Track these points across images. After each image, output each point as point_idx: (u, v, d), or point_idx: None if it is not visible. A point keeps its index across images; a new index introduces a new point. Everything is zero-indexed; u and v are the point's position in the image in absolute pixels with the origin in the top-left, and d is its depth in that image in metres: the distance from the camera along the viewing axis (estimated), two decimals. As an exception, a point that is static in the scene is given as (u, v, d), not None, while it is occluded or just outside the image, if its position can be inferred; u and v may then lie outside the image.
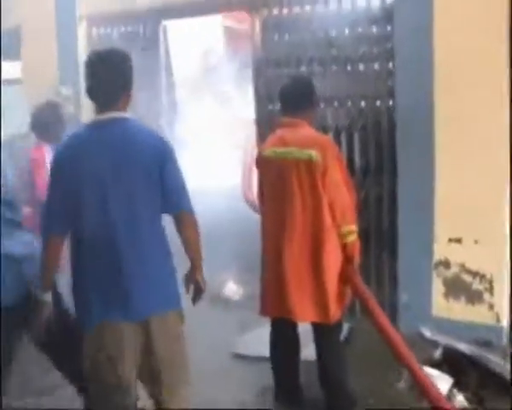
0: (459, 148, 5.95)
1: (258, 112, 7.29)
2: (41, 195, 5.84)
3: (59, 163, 3.90)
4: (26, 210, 6.06)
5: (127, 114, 3.93)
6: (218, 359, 6.06)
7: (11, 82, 8.56)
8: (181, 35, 8.88)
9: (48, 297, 4.04)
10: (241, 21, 9.09)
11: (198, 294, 4.12)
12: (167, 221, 4.06)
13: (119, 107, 3.87)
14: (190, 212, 4.03)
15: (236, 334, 6.62)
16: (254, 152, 7.23)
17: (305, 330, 5.21)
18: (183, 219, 4.02)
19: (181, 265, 4.10)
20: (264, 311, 5.19)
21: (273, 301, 5.05)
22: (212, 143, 9.06)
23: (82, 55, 8.39)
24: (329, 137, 5.77)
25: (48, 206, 3.93)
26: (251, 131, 7.78)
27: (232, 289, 7.69)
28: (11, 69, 8.63)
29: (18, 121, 8.31)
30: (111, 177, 3.78)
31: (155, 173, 3.86)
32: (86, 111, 7.98)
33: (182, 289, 4.10)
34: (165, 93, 8.30)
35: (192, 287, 4.10)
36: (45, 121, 6.43)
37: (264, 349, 5.39)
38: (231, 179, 8.77)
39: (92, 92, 3.87)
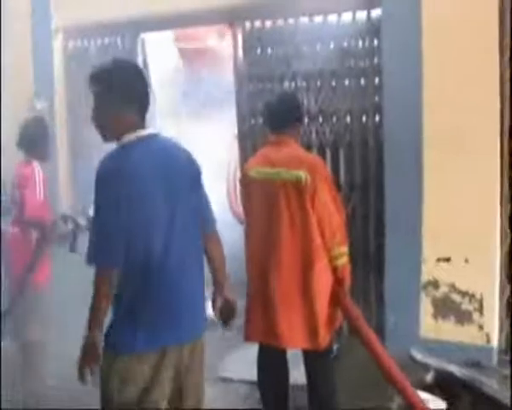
0: (448, 166, 5.83)
1: (240, 127, 7.14)
2: (30, 213, 5.75)
3: (114, 186, 3.43)
4: (15, 230, 5.91)
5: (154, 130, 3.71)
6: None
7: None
8: (157, 48, 8.71)
9: (99, 337, 3.49)
10: (194, 39, 8.96)
11: (231, 316, 4.01)
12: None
13: (144, 123, 3.64)
14: (217, 232, 3.98)
15: (220, 355, 6.44)
16: (237, 167, 7.14)
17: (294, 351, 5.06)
18: (214, 239, 3.94)
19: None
20: (249, 336, 5.01)
21: (259, 326, 4.88)
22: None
23: (58, 68, 8.24)
24: (318, 157, 5.58)
25: (100, 235, 3.49)
26: (233, 146, 7.64)
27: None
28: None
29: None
30: (163, 192, 3.53)
31: (191, 189, 3.74)
32: (61, 125, 7.85)
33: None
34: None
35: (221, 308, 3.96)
36: (33, 137, 6.21)
37: (250, 372, 5.21)
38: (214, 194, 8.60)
39: (128, 107, 3.57)
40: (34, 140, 6.15)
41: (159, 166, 3.54)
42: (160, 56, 8.65)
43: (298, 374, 5.14)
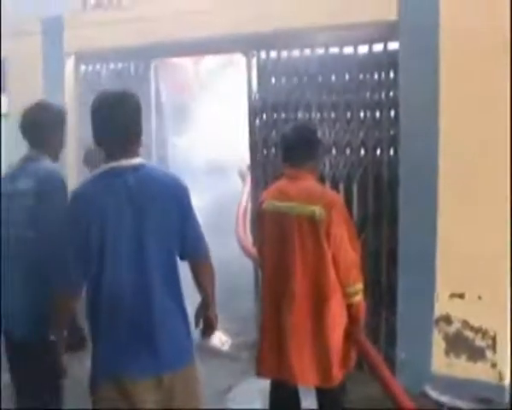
0: (463, 203, 5.78)
1: (252, 157, 7.10)
2: None
3: (75, 213, 3.63)
4: None
5: (142, 160, 3.73)
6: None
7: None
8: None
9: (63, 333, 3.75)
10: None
11: (208, 329, 4.02)
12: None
13: (133, 152, 3.68)
14: (208, 259, 3.96)
15: (225, 387, 6.34)
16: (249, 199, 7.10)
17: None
18: (203, 266, 3.95)
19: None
20: (261, 372, 4.94)
21: (271, 361, 4.82)
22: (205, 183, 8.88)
23: (69, 91, 8.23)
24: (335, 193, 5.52)
25: (63, 258, 3.63)
26: (247, 173, 7.60)
27: (221, 339, 7.40)
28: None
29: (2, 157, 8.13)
30: (134, 225, 3.57)
31: (176, 220, 3.73)
32: (71, 150, 7.81)
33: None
34: (154, 133, 8.10)
35: (202, 322, 3.98)
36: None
37: (260, 403, 5.14)
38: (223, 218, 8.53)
39: (105, 138, 3.66)
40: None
41: (127, 196, 3.58)
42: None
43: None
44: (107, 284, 3.55)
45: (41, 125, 4.50)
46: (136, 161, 3.68)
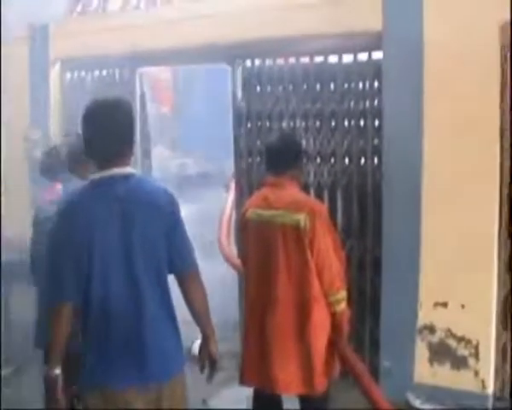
0: (446, 211, 5.78)
1: (237, 165, 7.10)
2: None
3: (65, 225, 3.57)
4: None
5: (132, 170, 3.68)
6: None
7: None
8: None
9: (57, 372, 3.54)
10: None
11: (213, 368, 3.94)
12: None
13: (124, 162, 3.62)
14: (198, 272, 3.87)
15: (207, 395, 6.29)
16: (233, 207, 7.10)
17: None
18: (191, 279, 3.83)
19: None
20: (244, 380, 4.94)
21: (254, 370, 4.82)
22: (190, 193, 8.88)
23: (54, 98, 8.22)
24: (318, 202, 5.52)
25: (55, 271, 3.56)
26: (231, 181, 7.61)
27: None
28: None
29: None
30: (123, 237, 3.54)
31: (165, 231, 3.67)
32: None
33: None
34: (139, 143, 8.07)
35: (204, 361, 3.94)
36: (52, 165, 6.37)
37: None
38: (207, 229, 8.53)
39: (96, 147, 3.61)
40: (54, 168, 6.34)
41: (115, 205, 3.54)
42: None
43: None
44: (97, 295, 3.52)
45: None
46: (127, 170, 3.63)
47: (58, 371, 3.52)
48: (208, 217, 8.46)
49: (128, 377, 3.57)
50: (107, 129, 3.55)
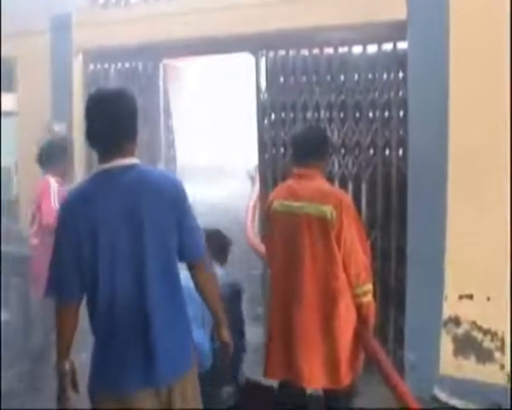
0: (472, 202, 5.75)
1: (261, 156, 7.07)
2: (46, 221, 6.12)
3: (70, 219, 3.50)
4: (34, 241, 6.47)
5: (137, 160, 3.62)
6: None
7: (4, 114, 8.37)
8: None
9: (66, 366, 3.55)
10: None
11: (226, 352, 3.96)
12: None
13: (129, 153, 3.57)
14: (208, 259, 3.90)
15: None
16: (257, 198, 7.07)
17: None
18: (202, 268, 3.80)
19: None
20: (268, 373, 4.92)
21: (279, 363, 4.80)
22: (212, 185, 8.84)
23: (77, 90, 8.20)
24: (343, 192, 5.45)
25: (59, 267, 3.52)
26: (255, 173, 7.59)
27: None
28: (5, 101, 8.43)
29: (7, 155, 8.14)
30: (130, 229, 3.46)
31: (173, 221, 3.59)
32: (79, 148, 7.79)
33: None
34: (163, 135, 8.06)
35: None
36: (50, 155, 6.60)
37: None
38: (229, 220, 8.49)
39: (98, 138, 3.57)
40: (51, 157, 6.54)
41: (119, 198, 3.48)
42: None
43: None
44: (103, 293, 3.47)
45: None
46: (131, 161, 3.58)
47: (67, 365, 3.53)
48: (232, 207, 8.41)
49: (138, 380, 3.52)
50: (109, 120, 3.50)
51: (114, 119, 3.50)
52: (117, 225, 3.45)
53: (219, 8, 6.75)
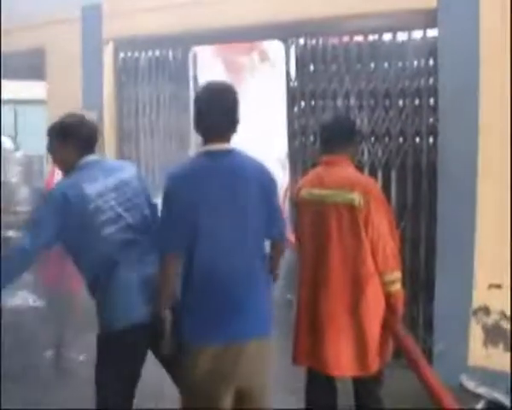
0: (503, 191, 5.69)
1: (290, 144, 7.07)
2: None
3: (176, 188, 3.99)
4: None
5: (233, 146, 4.06)
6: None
7: (33, 102, 8.42)
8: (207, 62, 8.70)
9: (167, 313, 4.04)
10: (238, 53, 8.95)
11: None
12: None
13: (229, 138, 4.03)
14: (283, 240, 4.42)
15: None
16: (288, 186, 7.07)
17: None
18: (280, 246, 4.39)
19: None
20: (296, 359, 4.91)
21: (307, 349, 4.78)
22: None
23: (107, 79, 8.24)
24: (372, 179, 5.43)
25: (164, 227, 4.03)
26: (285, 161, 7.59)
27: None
28: (34, 90, 8.48)
29: (37, 143, 8.19)
30: (225, 203, 3.97)
31: (262, 200, 4.06)
32: (109, 136, 7.84)
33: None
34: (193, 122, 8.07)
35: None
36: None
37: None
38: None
39: (211, 124, 3.98)
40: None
41: (221, 174, 3.99)
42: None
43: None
44: (200, 257, 3.93)
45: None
46: (229, 146, 4.04)
47: (167, 312, 4.01)
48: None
49: (229, 334, 3.96)
50: (226, 109, 3.96)
51: (229, 109, 3.98)
52: (218, 197, 3.95)
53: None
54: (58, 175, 6.25)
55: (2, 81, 9.36)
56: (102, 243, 4.22)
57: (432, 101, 6.22)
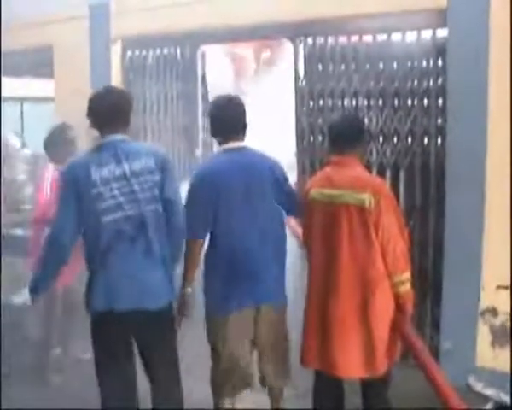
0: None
1: (299, 144, 7.07)
2: (38, 213, 6.17)
3: (202, 180, 4.82)
4: (27, 232, 6.68)
5: (245, 143, 4.96)
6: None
7: (41, 100, 8.41)
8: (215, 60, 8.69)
9: (190, 290, 4.94)
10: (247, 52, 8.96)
11: None
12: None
13: (241, 138, 4.94)
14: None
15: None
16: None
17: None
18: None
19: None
20: (305, 361, 4.91)
21: (315, 351, 4.78)
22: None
23: (115, 77, 8.24)
24: (382, 180, 5.42)
25: (191, 215, 4.68)
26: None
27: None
28: (42, 87, 8.47)
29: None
30: (242, 191, 4.77)
31: (274, 189, 4.93)
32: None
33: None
34: (201, 120, 8.09)
35: None
36: (55, 142, 6.53)
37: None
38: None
39: (227, 129, 4.91)
40: (55, 144, 6.48)
41: (239, 167, 4.82)
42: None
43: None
44: (220, 241, 4.81)
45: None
46: (242, 143, 4.95)
47: (190, 289, 4.94)
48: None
49: (246, 299, 4.83)
50: (238, 117, 4.93)
51: (240, 116, 4.95)
52: (236, 187, 4.77)
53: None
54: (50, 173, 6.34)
55: (10, 79, 9.37)
56: (101, 230, 4.29)
57: (440, 101, 6.20)
